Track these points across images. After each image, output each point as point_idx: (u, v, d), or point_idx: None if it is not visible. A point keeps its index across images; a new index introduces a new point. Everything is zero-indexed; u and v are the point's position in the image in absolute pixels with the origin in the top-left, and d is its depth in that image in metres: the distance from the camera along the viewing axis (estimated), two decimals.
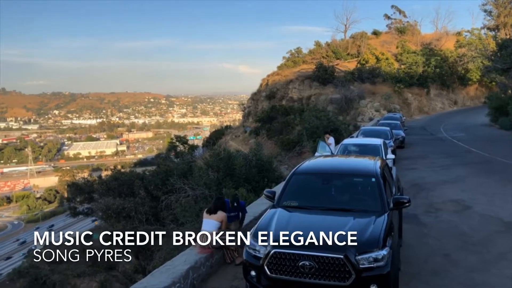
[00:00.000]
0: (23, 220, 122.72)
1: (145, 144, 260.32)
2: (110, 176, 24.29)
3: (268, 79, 61.05)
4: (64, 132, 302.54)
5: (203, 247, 7.08)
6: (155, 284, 5.75)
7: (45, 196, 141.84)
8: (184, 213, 16.55)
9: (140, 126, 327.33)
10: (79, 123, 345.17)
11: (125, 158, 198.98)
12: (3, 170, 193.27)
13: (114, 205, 19.02)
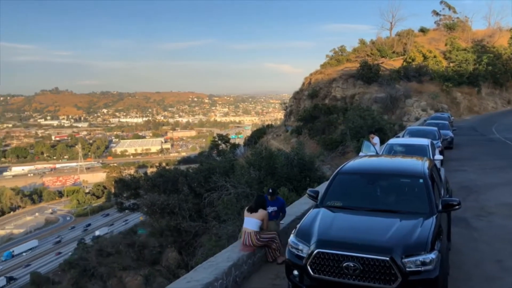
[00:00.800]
0: (73, 214, 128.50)
1: (189, 142, 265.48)
2: (155, 173, 24.93)
3: (311, 77, 60.57)
4: (112, 130, 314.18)
5: (245, 245, 7.12)
6: (198, 279, 5.83)
7: (94, 191, 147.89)
8: (226, 211, 16.71)
9: (184, 124, 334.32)
10: (126, 122, 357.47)
11: (169, 156, 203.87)
12: (56, 165, 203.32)
13: (158, 201, 19.50)
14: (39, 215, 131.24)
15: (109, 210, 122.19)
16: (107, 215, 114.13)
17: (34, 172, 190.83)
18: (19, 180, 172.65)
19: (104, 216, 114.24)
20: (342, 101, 50.44)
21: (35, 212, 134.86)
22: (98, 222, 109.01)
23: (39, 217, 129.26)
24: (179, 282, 5.94)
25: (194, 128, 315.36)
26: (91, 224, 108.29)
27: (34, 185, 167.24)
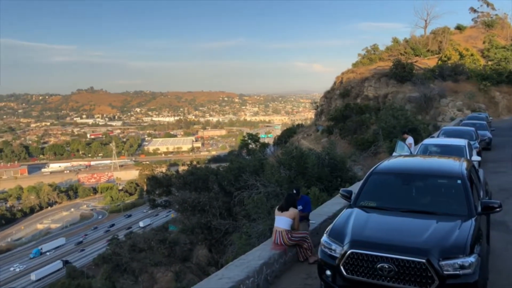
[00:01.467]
0: (107, 210, 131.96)
1: (219, 141, 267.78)
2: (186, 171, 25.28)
3: (343, 76, 59.86)
4: (145, 129, 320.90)
5: (276, 244, 7.11)
6: (230, 276, 5.86)
7: (127, 189, 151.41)
8: (256, 210, 16.72)
9: (214, 124, 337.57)
10: (159, 120, 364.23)
11: (199, 155, 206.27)
12: (91, 163, 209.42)
13: (190, 198, 19.74)
14: (74, 210, 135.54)
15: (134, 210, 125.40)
16: (129, 216, 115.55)
17: (70, 169, 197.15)
18: (56, 177, 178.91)
19: (126, 216, 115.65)
20: (374, 100, 49.60)
21: (70, 207, 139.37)
22: (121, 223, 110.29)
23: (75, 212, 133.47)
24: (211, 279, 5.99)
25: (224, 127, 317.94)
26: (114, 224, 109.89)
27: (70, 182, 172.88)
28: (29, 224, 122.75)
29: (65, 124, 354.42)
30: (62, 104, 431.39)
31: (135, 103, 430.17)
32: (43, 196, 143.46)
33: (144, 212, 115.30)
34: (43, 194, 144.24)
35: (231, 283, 5.66)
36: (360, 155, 28.04)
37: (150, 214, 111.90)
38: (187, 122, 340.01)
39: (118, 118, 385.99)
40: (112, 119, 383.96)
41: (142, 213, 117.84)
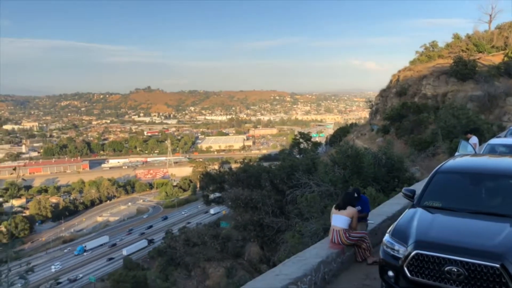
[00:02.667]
0: (162, 205, 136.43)
1: (270, 140, 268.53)
2: (239, 168, 25.54)
3: (399, 74, 57.89)
4: (198, 127, 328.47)
5: (334, 242, 6.96)
6: (287, 273, 5.81)
7: (181, 185, 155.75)
8: (309, 209, 16.56)
9: (265, 122, 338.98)
10: (211, 119, 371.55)
11: (250, 153, 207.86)
12: (147, 159, 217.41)
13: (242, 195, 19.91)
14: (131, 205, 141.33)
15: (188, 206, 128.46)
16: (165, 218, 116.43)
17: (128, 165, 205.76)
18: (115, 172, 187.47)
19: (163, 219, 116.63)
20: (433, 99, 47.52)
21: (128, 202, 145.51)
22: (159, 224, 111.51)
23: (132, 206, 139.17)
24: (267, 274, 5.96)
25: (275, 126, 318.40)
26: (152, 225, 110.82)
27: (127, 177, 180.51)
28: (89, 217, 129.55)
29: (124, 122, 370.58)
30: (121, 102, 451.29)
31: (189, 102, 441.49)
32: (103, 190, 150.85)
33: (198, 208, 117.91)
34: (103, 188, 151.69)
35: (288, 280, 5.61)
36: (418, 156, 26.96)
37: (199, 211, 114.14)
38: (238, 121, 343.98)
39: (173, 117, 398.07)
40: (168, 117, 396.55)
41: (196, 209, 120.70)
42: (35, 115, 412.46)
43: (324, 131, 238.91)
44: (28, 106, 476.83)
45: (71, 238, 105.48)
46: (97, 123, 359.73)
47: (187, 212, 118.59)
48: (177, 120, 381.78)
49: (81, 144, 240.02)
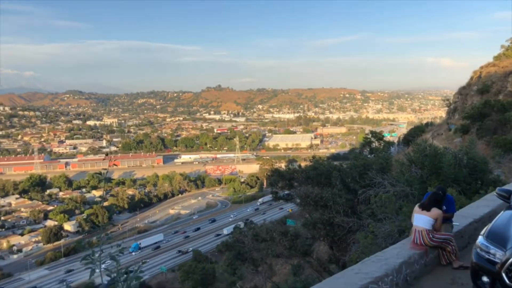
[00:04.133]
0: (229, 201, 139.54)
1: (338, 139, 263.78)
2: (309, 165, 25.31)
3: (481, 71, 54.07)
4: (266, 125, 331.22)
5: (416, 243, 6.61)
6: (367, 272, 5.60)
7: (248, 181, 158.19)
8: (383, 209, 15.98)
9: (334, 121, 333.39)
10: (279, 117, 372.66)
11: (318, 152, 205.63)
12: (217, 155, 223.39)
13: (312, 193, 19.68)
14: (201, 199, 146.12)
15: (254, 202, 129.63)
16: (213, 221, 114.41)
17: (199, 161, 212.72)
18: (186, 167, 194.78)
19: (232, 217, 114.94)
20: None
21: (198, 196, 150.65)
22: (207, 227, 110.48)
23: (201, 201, 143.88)
24: (347, 272, 5.80)
25: (344, 125, 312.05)
26: (200, 228, 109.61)
27: (198, 172, 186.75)
28: (162, 209, 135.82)
29: (195, 119, 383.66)
30: (193, 100, 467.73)
31: (257, 100, 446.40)
32: (175, 184, 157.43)
33: (248, 211, 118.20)
34: (175, 182, 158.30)
35: (368, 279, 5.41)
36: (503, 157, 24.99)
37: (248, 214, 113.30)
38: (306, 119, 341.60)
39: (242, 115, 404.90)
40: (237, 115, 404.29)
41: (244, 212, 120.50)
42: (114, 112, 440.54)
43: (396, 130, 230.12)
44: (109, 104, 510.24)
45: (145, 228, 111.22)
46: (171, 120, 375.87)
47: (236, 216, 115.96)
48: (246, 118, 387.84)
49: (156, 140, 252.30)
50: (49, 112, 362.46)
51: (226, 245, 52.64)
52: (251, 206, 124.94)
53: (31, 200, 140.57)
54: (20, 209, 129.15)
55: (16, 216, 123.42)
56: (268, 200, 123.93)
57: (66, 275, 77.18)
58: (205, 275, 50.14)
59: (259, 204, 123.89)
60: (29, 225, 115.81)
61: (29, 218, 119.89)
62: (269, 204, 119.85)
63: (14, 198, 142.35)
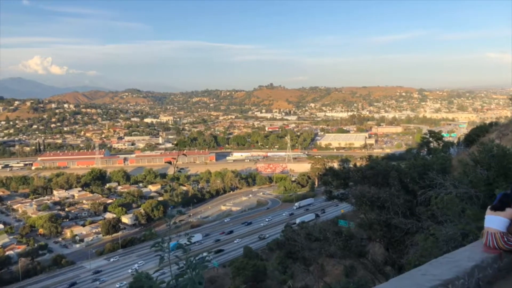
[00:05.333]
0: (280, 199, 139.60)
1: (394, 138, 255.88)
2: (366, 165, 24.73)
3: None
4: (318, 124, 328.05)
5: (488, 246, 6.21)
6: (435, 274, 5.32)
7: (299, 180, 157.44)
8: (445, 211, 15.30)
9: (389, 120, 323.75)
10: (332, 116, 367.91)
11: (372, 152, 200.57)
12: (268, 154, 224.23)
13: (369, 193, 19.19)
14: (252, 196, 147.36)
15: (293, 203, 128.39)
16: (249, 224, 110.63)
17: (250, 158, 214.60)
18: (238, 165, 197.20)
19: (246, 224, 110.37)
20: None
21: (249, 193, 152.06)
22: (240, 230, 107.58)
23: (252, 198, 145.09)
24: (413, 273, 5.54)
25: (400, 124, 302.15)
26: (252, 222, 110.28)
27: (249, 170, 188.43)
28: (214, 205, 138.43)
29: (247, 117, 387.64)
30: (245, 99, 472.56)
31: (310, 99, 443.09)
32: (227, 181, 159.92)
33: (283, 216, 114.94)
34: (227, 179, 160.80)
35: (437, 281, 5.12)
36: None
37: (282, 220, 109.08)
38: (360, 118, 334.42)
39: (294, 113, 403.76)
40: (288, 113, 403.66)
41: (280, 216, 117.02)
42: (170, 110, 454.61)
43: (456, 130, 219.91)
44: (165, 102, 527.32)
45: (198, 224, 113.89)
46: (223, 118, 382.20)
47: (271, 219, 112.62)
48: (297, 116, 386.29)
49: (209, 137, 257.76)
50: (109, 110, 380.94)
51: (277, 243, 52.71)
52: (288, 209, 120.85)
53: (92, 193, 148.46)
54: (82, 201, 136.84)
55: (79, 208, 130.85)
56: (305, 205, 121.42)
57: (95, 275, 78.69)
58: (256, 272, 50.49)
59: (295, 209, 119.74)
60: (90, 216, 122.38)
61: (90, 210, 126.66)
62: (305, 209, 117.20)
63: (77, 190, 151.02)
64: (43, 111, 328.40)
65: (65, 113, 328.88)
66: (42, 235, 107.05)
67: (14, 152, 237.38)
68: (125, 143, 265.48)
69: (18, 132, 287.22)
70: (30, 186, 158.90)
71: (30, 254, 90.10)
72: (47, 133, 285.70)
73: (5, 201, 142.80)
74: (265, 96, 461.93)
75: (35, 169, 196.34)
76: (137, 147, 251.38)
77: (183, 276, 3.61)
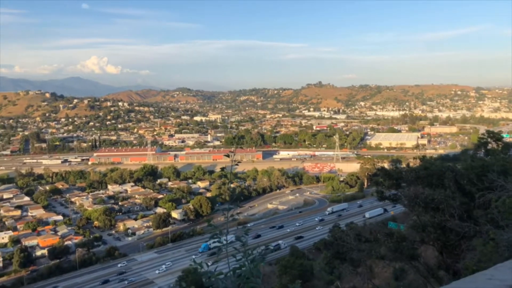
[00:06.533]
0: (327, 199, 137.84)
1: (448, 139, 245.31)
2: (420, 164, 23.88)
3: None
4: (368, 123, 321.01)
5: None
6: (502, 279, 5.02)
7: (347, 180, 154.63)
8: (506, 215, 14.48)
9: (443, 120, 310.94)
10: (382, 115, 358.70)
11: (425, 152, 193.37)
12: (315, 153, 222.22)
13: (423, 194, 18.49)
14: (299, 195, 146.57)
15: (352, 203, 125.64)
16: (281, 227, 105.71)
17: (297, 157, 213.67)
18: (285, 163, 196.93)
19: (278, 227, 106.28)
20: None
21: (295, 192, 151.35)
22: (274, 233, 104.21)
23: (299, 197, 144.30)
24: (478, 276, 5.28)
25: (455, 124, 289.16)
26: (283, 226, 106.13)
27: (296, 169, 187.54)
28: (261, 203, 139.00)
29: (294, 116, 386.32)
30: (293, 97, 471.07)
31: (359, 97, 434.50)
32: (273, 179, 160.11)
33: (315, 221, 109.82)
34: (273, 177, 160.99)
35: (505, 287, 4.85)
36: None
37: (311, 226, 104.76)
38: (412, 117, 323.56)
39: (343, 112, 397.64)
40: (337, 112, 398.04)
41: (312, 221, 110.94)
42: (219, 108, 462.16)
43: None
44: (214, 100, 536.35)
45: (245, 221, 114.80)
46: (271, 117, 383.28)
47: (302, 224, 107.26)
48: (346, 115, 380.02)
49: (256, 135, 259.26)
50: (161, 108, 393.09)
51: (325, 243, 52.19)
52: (319, 214, 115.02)
53: (144, 188, 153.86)
54: (135, 196, 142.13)
55: (131, 202, 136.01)
56: (339, 210, 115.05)
57: (119, 276, 78.35)
58: (303, 272, 50.17)
59: (328, 214, 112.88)
60: (142, 211, 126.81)
61: (142, 204, 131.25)
62: (338, 215, 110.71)
63: (130, 185, 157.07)
64: (99, 109, 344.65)
65: (119, 111, 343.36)
66: (97, 227, 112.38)
67: (72, 148, 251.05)
68: (176, 140, 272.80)
69: (76, 128, 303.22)
70: (87, 180, 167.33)
71: (86, 245, 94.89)
72: (102, 130, 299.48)
73: (64, 194, 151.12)
74: (313, 95, 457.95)
75: (91, 164, 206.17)
76: (187, 144, 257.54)
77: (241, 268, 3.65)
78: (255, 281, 3.62)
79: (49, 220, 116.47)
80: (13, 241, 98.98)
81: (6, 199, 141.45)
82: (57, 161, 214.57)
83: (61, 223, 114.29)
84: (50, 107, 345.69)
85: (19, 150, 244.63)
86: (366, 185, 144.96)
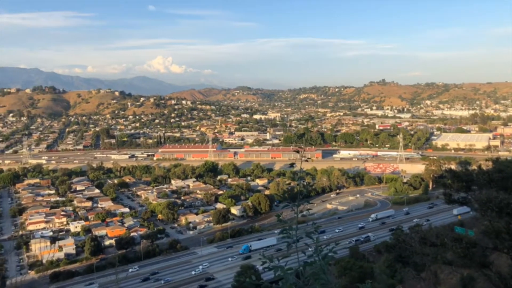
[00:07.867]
0: (390, 201, 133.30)
1: None
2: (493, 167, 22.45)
3: None
4: (434, 122, 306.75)
5: None
6: None
7: (411, 182, 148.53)
8: None
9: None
10: (450, 114, 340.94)
11: (496, 154, 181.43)
12: (377, 153, 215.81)
13: (497, 198, 17.36)
14: (359, 196, 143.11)
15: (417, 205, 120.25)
16: (323, 232, 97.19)
17: (358, 157, 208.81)
18: (345, 163, 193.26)
19: (362, 226, 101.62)
20: None
21: (356, 193, 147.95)
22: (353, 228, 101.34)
23: (360, 198, 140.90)
24: None
25: None
26: (337, 229, 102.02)
27: (357, 169, 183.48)
28: (320, 203, 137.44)
29: (356, 114, 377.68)
30: (354, 96, 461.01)
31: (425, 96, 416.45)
32: (333, 179, 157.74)
33: (378, 222, 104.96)
34: (333, 177, 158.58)
35: None
36: None
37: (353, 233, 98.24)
38: (483, 117, 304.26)
39: (407, 111, 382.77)
40: (401, 111, 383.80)
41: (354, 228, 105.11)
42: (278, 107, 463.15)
43: None
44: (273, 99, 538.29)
45: (304, 220, 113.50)
46: (331, 115, 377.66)
47: (341, 231, 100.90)
48: (411, 114, 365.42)
49: (315, 134, 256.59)
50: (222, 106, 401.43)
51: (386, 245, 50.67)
52: (362, 220, 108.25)
53: (205, 184, 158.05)
54: (196, 191, 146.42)
55: (193, 197, 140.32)
56: (383, 217, 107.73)
57: (152, 276, 78.15)
58: (362, 274, 49.14)
59: (371, 221, 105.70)
60: (203, 206, 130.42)
61: (203, 199, 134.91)
62: (381, 222, 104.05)
63: (192, 181, 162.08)
64: (164, 107, 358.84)
65: (183, 109, 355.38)
66: (160, 220, 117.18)
67: (139, 144, 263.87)
68: (235, 138, 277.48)
69: (143, 125, 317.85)
70: (152, 175, 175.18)
71: (150, 237, 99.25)
72: (167, 127, 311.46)
73: (131, 187, 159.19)
74: (376, 93, 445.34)
75: (156, 159, 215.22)
76: (246, 142, 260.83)
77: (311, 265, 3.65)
78: (325, 277, 3.61)
79: (117, 212, 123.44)
80: (85, 230, 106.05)
81: (79, 190, 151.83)
82: (125, 156, 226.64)
83: (128, 215, 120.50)
84: (119, 104, 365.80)
85: (90, 145, 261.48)
86: (431, 187, 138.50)
